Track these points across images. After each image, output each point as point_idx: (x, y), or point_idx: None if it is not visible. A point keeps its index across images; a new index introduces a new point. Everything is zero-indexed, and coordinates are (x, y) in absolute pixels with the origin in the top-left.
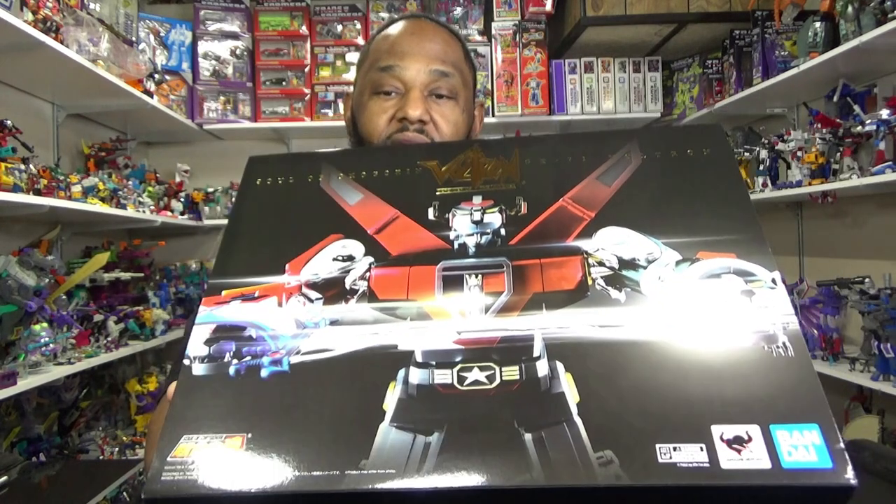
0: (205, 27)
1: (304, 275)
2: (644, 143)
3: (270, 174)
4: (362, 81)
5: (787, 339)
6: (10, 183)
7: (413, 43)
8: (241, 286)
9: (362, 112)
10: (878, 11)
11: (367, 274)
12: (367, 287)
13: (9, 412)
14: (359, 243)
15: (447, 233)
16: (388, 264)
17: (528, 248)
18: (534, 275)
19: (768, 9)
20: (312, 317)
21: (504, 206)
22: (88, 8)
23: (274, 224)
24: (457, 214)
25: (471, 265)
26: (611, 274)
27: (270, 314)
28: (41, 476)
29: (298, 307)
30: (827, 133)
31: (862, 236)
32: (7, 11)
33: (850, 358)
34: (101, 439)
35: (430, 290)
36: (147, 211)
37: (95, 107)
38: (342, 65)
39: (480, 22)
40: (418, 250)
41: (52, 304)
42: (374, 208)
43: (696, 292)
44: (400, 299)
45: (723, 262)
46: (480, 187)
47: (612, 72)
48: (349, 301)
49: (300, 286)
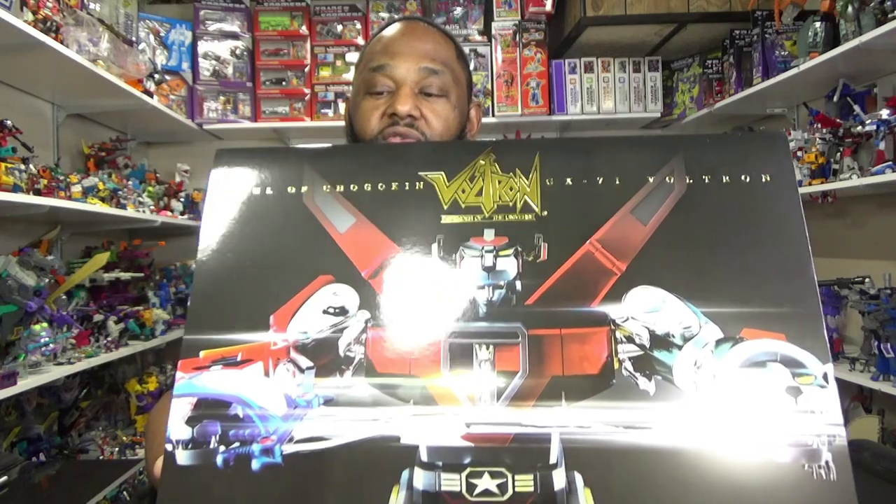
0: (205, 27)
1: (291, 332)
2: (691, 160)
3: (244, 181)
4: (357, 83)
5: (830, 457)
6: (10, 183)
7: (404, 43)
8: (220, 344)
9: (356, 112)
10: (878, 11)
11: (363, 336)
12: (364, 355)
13: (9, 412)
14: (352, 291)
15: (454, 281)
16: (388, 325)
17: (548, 312)
18: (553, 351)
19: (768, 9)
20: (304, 392)
21: (521, 248)
22: (88, 8)
23: (254, 257)
24: (465, 256)
25: (481, 331)
26: (640, 355)
27: (257, 387)
28: (41, 476)
29: (288, 378)
30: (827, 133)
31: (862, 236)
32: (7, 11)
33: (850, 358)
34: (101, 439)
35: (435, 365)
36: (147, 211)
37: (95, 107)
38: (342, 65)
39: (480, 22)
40: (422, 307)
41: (52, 304)
42: (369, 239)
43: (734, 387)
44: (402, 374)
45: (770, 346)
46: (493, 217)
47: (612, 72)
48: (344, 373)
49: (288, 349)
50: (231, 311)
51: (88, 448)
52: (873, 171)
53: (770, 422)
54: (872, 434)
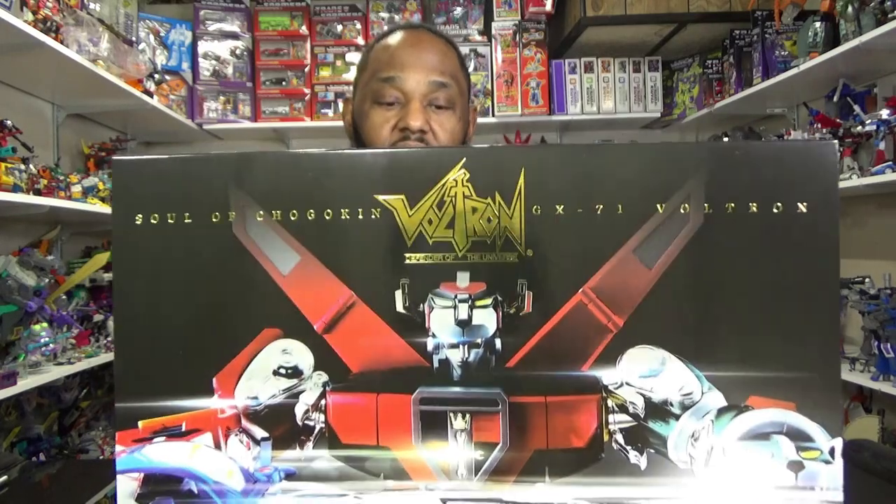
0: (205, 27)
1: (239, 397)
2: (713, 182)
3: (153, 204)
4: (363, 90)
5: None
6: (10, 183)
7: (412, 54)
8: (159, 412)
9: (364, 121)
10: (878, 11)
11: (321, 402)
12: (325, 423)
13: (9, 412)
14: (305, 348)
15: (423, 338)
16: (349, 388)
17: (532, 377)
18: (537, 421)
19: (768, 9)
20: (262, 466)
21: (501, 297)
22: (88, 8)
23: (184, 308)
24: (435, 307)
25: (457, 398)
26: (633, 426)
27: (209, 460)
28: (41, 475)
29: (242, 450)
30: (827, 133)
31: (862, 236)
32: (7, 11)
33: (850, 358)
34: (101, 439)
35: (405, 433)
36: None
37: (95, 107)
38: (342, 65)
39: (480, 22)
40: (386, 367)
41: (52, 304)
42: (319, 283)
43: (732, 462)
44: (369, 446)
45: (777, 416)
46: (468, 257)
47: (612, 72)
48: (305, 445)
49: (238, 416)
50: (166, 373)
51: (88, 448)
52: (873, 171)
53: (765, 501)
54: (872, 434)
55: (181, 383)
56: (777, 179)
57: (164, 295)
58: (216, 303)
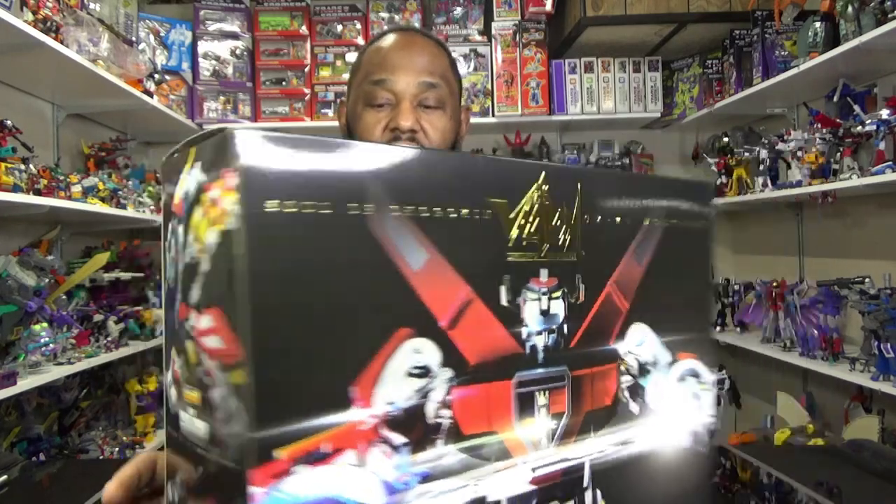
0: (205, 27)
1: (377, 404)
2: (669, 202)
3: (287, 188)
4: (356, 92)
5: (706, 438)
6: (10, 183)
7: (403, 56)
8: (298, 436)
9: (357, 122)
10: (878, 11)
11: (448, 398)
12: (451, 419)
13: (9, 412)
14: (434, 346)
15: (519, 328)
16: (469, 381)
17: (585, 353)
18: (586, 388)
19: (768, 9)
20: (401, 475)
21: (566, 290)
22: (88, 8)
23: (318, 306)
24: (527, 300)
25: (541, 377)
26: (632, 384)
27: (352, 480)
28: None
29: (384, 462)
30: (827, 133)
31: (862, 236)
32: (7, 11)
33: (850, 358)
34: (101, 439)
35: (507, 415)
36: (147, 211)
37: (95, 107)
38: (342, 65)
39: (480, 22)
40: (494, 357)
41: (52, 304)
42: (444, 281)
43: (672, 399)
44: (484, 433)
45: (689, 364)
46: (547, 255)
47: (612, 72)
48: (436, 443)
49: (376, 426)
50: (305, 385)
51: (88, 448)
52: (873, 171)
53: (684, 420)
54: (872, 434)
55: (320, 392)
56: (682, 201)
57: (302, 295)
58: (351, 303)
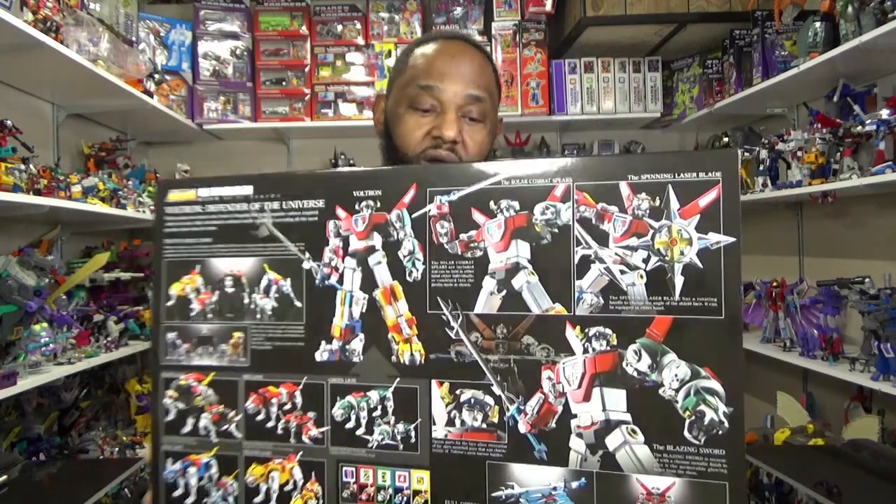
0: (205, 27)
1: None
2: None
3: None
4: (399, 93)
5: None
6: (10, 183)
7: (452, 65)
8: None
9: (398, 123)
10: (878, 11)
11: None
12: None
13: (9, 412)
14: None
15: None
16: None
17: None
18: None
19: (768, 9)
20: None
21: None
22: (88, 8)
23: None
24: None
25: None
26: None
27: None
28: (41, 475)
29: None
30: (827, 133)
31: (862, 236)
32: (7, 11)
33: (850, 358)
34: (101, 439)
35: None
36: (147, 211)
37: (95, 107)
38: (342, 65)
39: (480, 22)
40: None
41: (52, 304)
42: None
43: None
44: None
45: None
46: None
47: (612, 72)
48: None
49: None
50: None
51: (88, 448)
52: (873, 171)
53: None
54: (872, 434)
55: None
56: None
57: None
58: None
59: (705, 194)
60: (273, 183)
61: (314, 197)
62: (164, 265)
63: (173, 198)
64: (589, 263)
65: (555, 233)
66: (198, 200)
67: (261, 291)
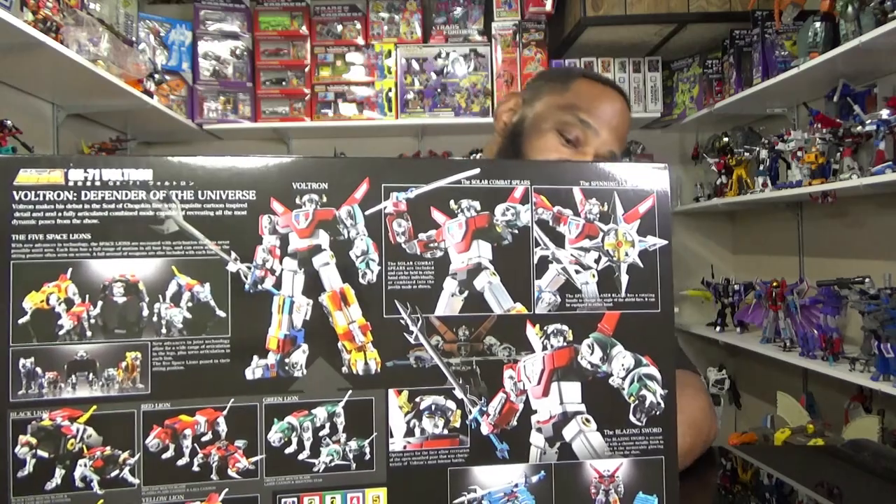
0: (205, 27)
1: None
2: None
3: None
4: (551, 109)
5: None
6: None
7: (614, 119)
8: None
9: (537, 136)
10: (878, 11)
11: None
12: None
13: None
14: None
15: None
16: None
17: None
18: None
19: (768, 9)
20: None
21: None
22: (88, 8)
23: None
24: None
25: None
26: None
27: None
28: None
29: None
30: (827, 133)
31: (862, 236)
32: (7, 11)
33: (850, 358)
34: None
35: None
36: None
37: (95, 107)
38: (342, 65)
39: (480, 22)
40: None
41: None
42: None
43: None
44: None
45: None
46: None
47: (612, 72)
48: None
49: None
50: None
51: None
52: (873, 171)
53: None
54: (872, 434)
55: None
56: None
57: None
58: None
59: (643, 202)
60: (179, 169)
61: (241, 187)
62: (11, 269)
63: (26, 180)
64: (547, 264)
65: (515, 234)
66: (68, 185)
67: (167, 300)
